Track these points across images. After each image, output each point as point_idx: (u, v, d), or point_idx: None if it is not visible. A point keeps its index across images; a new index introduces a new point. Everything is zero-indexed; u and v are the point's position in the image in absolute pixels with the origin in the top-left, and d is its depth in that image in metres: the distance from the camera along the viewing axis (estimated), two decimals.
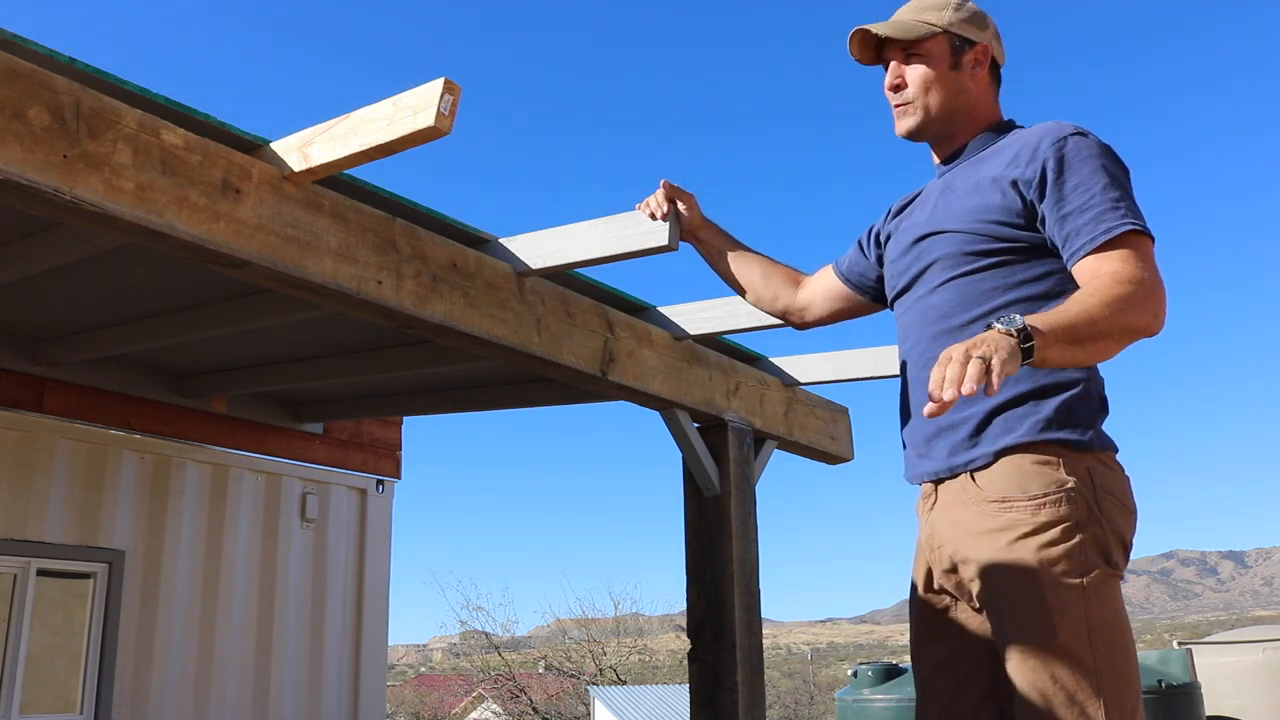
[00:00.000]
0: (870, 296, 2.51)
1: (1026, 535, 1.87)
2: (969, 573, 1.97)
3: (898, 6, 2.30)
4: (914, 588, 2.18)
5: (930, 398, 1.60)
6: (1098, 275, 1.86)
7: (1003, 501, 1.91)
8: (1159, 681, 4.84)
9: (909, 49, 2.20)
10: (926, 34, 2.17)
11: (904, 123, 2.23)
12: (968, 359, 1.59)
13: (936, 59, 2.19)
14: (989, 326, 1.71)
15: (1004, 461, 1.93)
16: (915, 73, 2.20)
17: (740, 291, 2.68)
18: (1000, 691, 1.98)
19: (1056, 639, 1.82)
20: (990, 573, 1.91)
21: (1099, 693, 1.80)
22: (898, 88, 2.22)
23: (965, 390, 1.56)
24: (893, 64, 2.23)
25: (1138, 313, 1.82)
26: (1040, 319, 1.72)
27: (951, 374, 1.59)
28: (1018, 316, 1.70)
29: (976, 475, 1.97)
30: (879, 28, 2.21)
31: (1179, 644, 7.60)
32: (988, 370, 1.58)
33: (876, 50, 2.26)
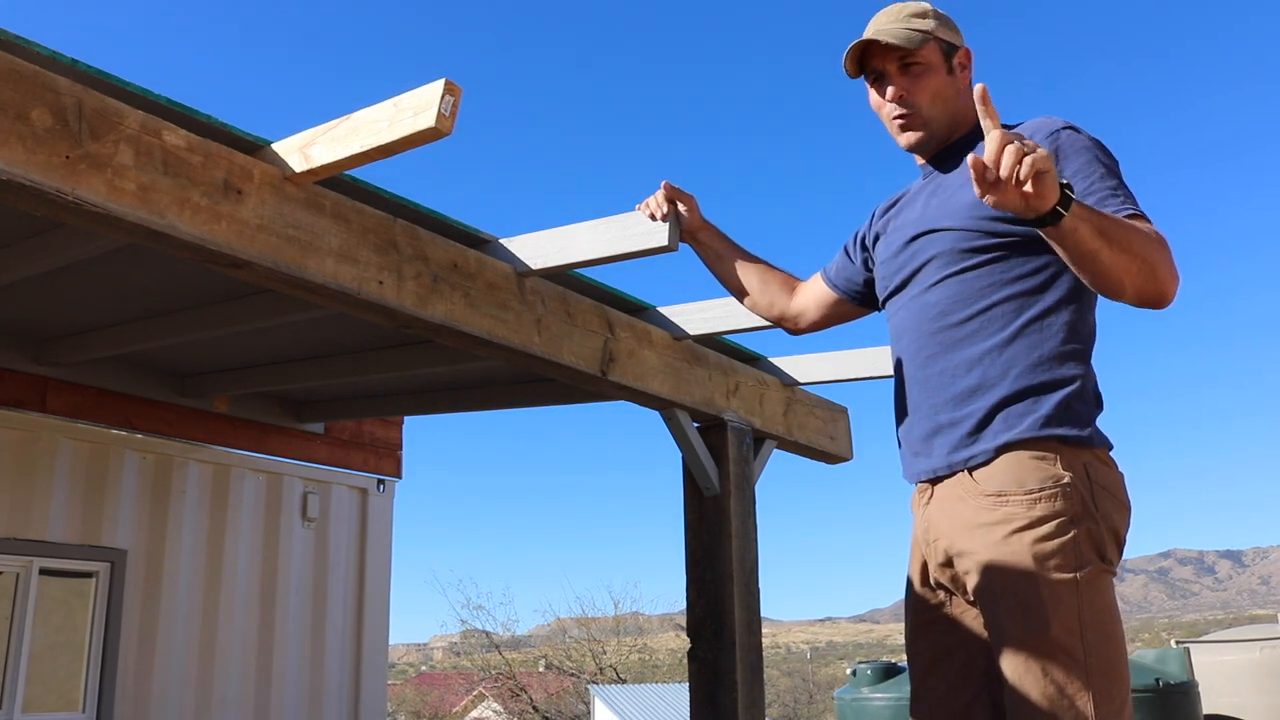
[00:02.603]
0: (859, 301, 2.52)
1: (1022, 529, 1.89)
2: (964, 565, 1.99)
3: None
4: (909, 584, 2.19)
5: (973, 163, 1.66)
6: None
7: (999, 495, 1.93)
8: (1157, 680, 4.85)
9: (907, 58, 2.14)
10: (923, 42, 2.13)
11: (910, 136, 2.19)
12: (1021, 154, 1.64)
13: (935, 67, 2.16)
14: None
15: (1004, 457, 1.95)
16: (919, 83, 2.15)
17: (737, 296, 2.69)
18: (995, 686, 2.00)
19: (1048, 632, 1.84)
20: (985, 565, 1.93)
21: (1088, 686, 1.83)
22: (902, 99, 2.16)
23: (1004, 173, 1.64)
24: (892, 75, 2.16)
25: (1162, 263, 1.82)
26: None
27: (993, 154, 1.65)
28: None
29: (975, 471, 1.98)
30: (884, 37, 2.13)
31: (1176, 643, 7.60)
32: (1018, 164, 1.64)
33: (859, 63, 2.20)
